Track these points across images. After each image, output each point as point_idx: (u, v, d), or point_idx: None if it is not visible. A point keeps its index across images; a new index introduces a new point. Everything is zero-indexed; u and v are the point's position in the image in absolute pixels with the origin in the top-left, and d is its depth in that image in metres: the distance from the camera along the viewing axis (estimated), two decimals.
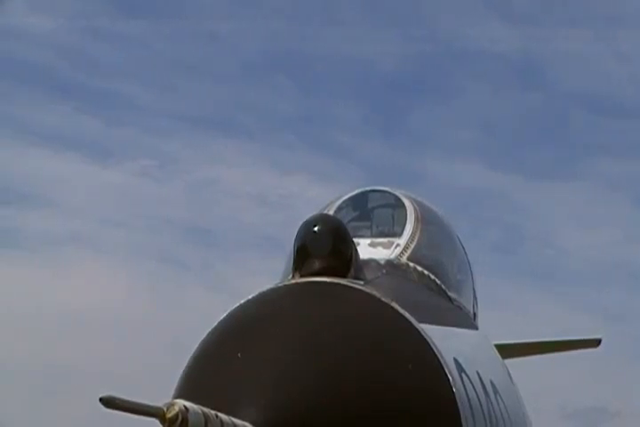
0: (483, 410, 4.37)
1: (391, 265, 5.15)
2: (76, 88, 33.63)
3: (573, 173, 34.16)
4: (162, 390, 4.08)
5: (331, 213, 5.57)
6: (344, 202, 5.85)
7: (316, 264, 4.29)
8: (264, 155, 34.80)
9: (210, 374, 3.90)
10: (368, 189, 6.04)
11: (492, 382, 4.82)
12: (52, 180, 32.46)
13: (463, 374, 4.18)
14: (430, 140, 34.92)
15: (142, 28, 34.14)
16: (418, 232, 5.58)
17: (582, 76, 34.51)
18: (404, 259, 5.29)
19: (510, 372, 5.98)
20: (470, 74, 34.59)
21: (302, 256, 4.37)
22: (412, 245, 5.43)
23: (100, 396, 2.93)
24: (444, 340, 4.15)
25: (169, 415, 3.06)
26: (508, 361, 6.46)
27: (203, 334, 4.13)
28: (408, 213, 5.74)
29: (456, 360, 4.16)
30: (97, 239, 31.72)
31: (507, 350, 7.81)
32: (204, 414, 3.15)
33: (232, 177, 34.38)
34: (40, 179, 32.82)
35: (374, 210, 5.93)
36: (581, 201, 33.72)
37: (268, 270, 5.36)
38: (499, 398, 4.91)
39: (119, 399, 2.96)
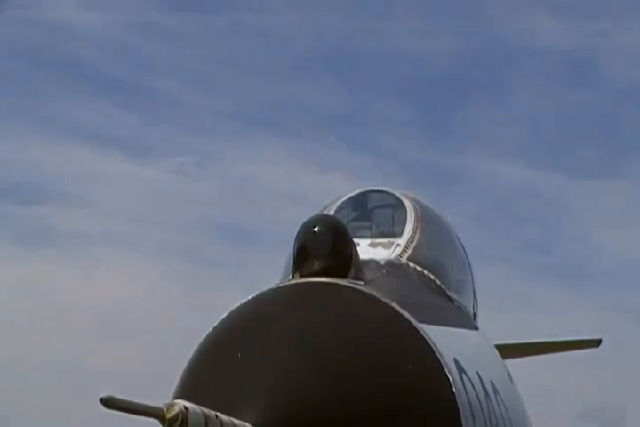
0: (483, 410, 4.37)
1: (391, 265, 5.15)
2: (118, 85, 33.75)
3: (616, 171, 33.68)
4: None
5: (331, 213, 5.57)
6: (344, 202, 5.84)
7: (316, 264, 4.29)
8: (304, 153, 34.46)
9: (210, 374, 3.90)
10: (368, 189, 6.04)
11: (492, 383, 4.82)
12: (90, 178, 32.43)
13: (463, 375, 4.18)
14: (474, 140, 34.53)
15: (191, 23, 33.93)
16: (418, 232, 5.58)
17: (636, 72, 33.83)
18: (404, 259, 5.29)
19: (510, 372, 5.98)
20: (521, 71, 34.06)
21: (302, 256, 4.37)
22: (412, 246, 5.43)
23: (100, 396, 2.93)
24: (444, 340, 4.15)
25: (169, 416, 3.06)
26: (508, 361, 6.46)
27: (203, 334, 4.13)
28: (408, 213, 5.74)
29: (456, 360, 4.16)
30: (131, 238, 31.78)
31: (507, 350, 7.80)
32: (204, 414, 3.16)
33: (270, 175, 34.06)
34: (77, 177, 32.78)
35: (374, 210, 5.93)
36: (619, 200, 33.32)
37: None
38: (499, 398, 4.91)
39: (119, 400, 2.96)
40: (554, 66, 34.26)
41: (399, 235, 5.53)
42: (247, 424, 3.42)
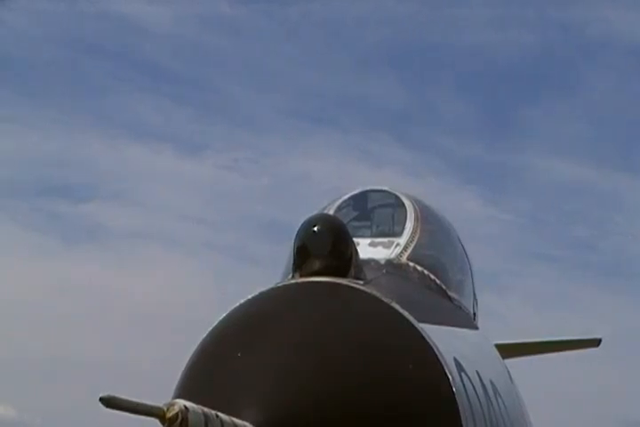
0: (483, 410, 4.37)
1: (391, 265, 5.15)
2: (175, 79, 33.37)
3: None
4: None
5: (331, 212, 5.57)
6: (344, 202, 5.85)
7: (316, 264, 4.28)
8: (357, 149, 33.77)
9: (210, 373, 3.90)
10: (368, 188, 6.04)
11: (492, 382, 4.82)
12: (142, 175, 32.15)
13: (463, 374, 4.18)
14: (532, 136, 33.84)
15: (260, 15, 33.24)
16: (418, 232, 5.59)
17: None
18: (404, 259, 5.29)
19: (510, 371, 5.98)
20: (594, 66, 33.37)
21: (302, 256, 4.36)
22: (412, 245, 5.43)
23: (101, 396, 2.93)
24: (444, 340, 4.15)
25: (169, 415, 3.06)
26: (508, 361, 6.46)
27: (203, 334, 4.13)
28: (408, 212, 5.74)
29: (456, 360, 4.16)
30: (178, 236, 31.49)
31: (507, 350, 7.81)
32: (205, 413, 3.16)
33: (323, 171, 33.44)
34: (130, 174, 32.46)
35: (374, 210, 5.93)
36: None
37: None
38: (499, 398, 4.91)
39: (119, 399, 2.96)
40: (625, 61, 33.61)
41: (399, 234, 5.53)
42: (247, 424, 3.42)
